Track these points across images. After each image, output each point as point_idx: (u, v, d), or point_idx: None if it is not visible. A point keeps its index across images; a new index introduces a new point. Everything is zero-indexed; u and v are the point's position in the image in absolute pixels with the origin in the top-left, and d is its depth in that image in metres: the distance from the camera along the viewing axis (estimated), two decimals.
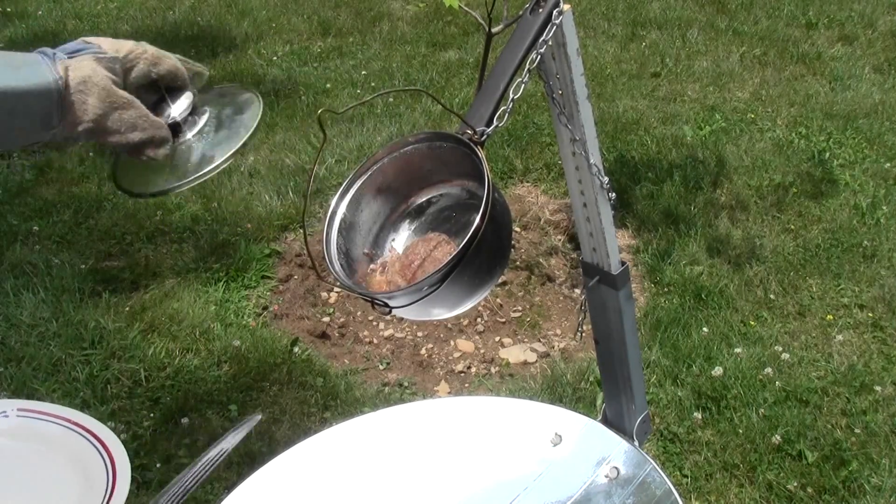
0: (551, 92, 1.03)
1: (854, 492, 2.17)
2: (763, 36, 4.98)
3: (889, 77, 4.48)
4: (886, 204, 3.37)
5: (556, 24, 0.92)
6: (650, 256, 3.05)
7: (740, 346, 2.65)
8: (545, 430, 1.24)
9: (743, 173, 3.58)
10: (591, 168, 1.07)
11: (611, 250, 1.15)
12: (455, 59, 4.73)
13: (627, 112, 4.09)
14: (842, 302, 2.87)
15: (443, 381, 2.58)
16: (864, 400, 2.45)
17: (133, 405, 2.42)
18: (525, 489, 1.18)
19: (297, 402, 2.44)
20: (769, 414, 2.39)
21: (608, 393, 1.30)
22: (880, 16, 5.22)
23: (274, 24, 5.23)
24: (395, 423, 1.31)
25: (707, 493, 2.18)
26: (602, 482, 1.16)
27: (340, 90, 4.38)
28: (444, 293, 0.75)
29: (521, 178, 3.55)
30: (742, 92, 4.36)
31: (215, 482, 2.18)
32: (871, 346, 2.68)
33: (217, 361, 2.58)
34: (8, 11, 5.46)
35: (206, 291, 2.86)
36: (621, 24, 5.18)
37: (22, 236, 3.15)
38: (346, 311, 2.86)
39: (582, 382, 2.50)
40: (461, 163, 0.83)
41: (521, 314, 2.85)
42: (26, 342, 2.61)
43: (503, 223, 0.81)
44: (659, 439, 2.33)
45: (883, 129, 3.93)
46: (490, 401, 1.36)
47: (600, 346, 1.27)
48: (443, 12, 5.17)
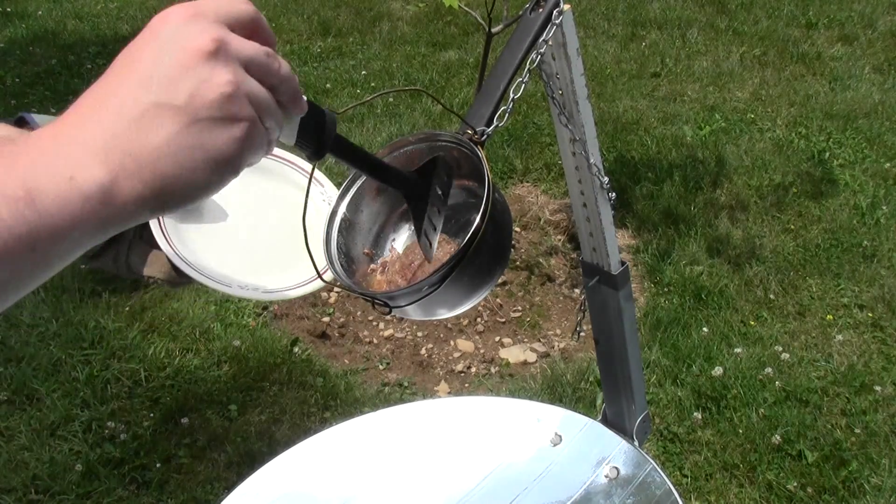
0: (551, 92, 1.03)
1: (854, 492, 2.17)
2: (763, 36, 4.98)
3: (889, 77, 4.48)
4: (886, 204, 3.37)
5: (556, 23, 0.92)
6: (650, 256, 3.05)
7: (740, 346, 2.65)
8: (545, 430, 1.24)
9: (743, 173, 3.58)
10: (591, 168, 1.07)
11: (611, 250, 1.15)
12: (455, 59, 4.73)
13: (627, 112, 4.09)
14: (842, 302, 2.87)
15: (443, 381, 2.58)
16: (864, 400, 2.45)
17: (133, 405, 2.42)
18: (525, 489, 1.18)
19: (297, 402, 2.44)
20: (769, 414, 2.39)
21: (608, 393, 1.30)
22: (880, 16, 5.22)
23: (274, 24, 5.23)
24: (395, 423, 1.31)
25: (707, 493, 2.18)
26: (602, 482, 1.16)
27: (340, 90, 4.38)
28: (445, 293, 0.75)
29: (521, 178, 3.55)
30: (742, 92, 4.36)
31: (215, 482, 2.19)
32: (871, 346, 2.68)
33: (217, 361, 2.58)
34: (8, 11, 5.46)
35: (205, 291, 2.86)
36: (621, 24, 5.18)
37: None
38: (346, 311, 2.86)
39: (582, 382, 2.50)
40: (461, 163, 0.83)
41: (521, 314, 2.85)
42: (26, 342, 2.61)
43: (503, 223, 0.81)
44: (659, 439, 2.33)
45: (883, 129, 3.93)
46: (490, 401, 1.36)
47: (600, 346, 1.26)
48: (443, 12, 5.17)
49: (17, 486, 2.16)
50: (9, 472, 2.20)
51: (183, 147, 0.48)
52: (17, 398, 2.43)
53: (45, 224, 0.43)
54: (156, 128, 0.47)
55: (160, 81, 0.48)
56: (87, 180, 0.45)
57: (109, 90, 0.48)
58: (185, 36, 0.49)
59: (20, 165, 0.43)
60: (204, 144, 0.48)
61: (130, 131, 0.47)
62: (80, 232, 0.45)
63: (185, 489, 2.17)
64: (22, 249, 0.42)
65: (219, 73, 0.48)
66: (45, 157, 0.44)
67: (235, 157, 0.50)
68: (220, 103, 0.48)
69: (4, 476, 2.19)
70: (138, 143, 0.47)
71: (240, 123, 0.49)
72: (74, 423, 2.34)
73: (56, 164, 0.44)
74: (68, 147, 0.45)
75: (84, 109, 0.48)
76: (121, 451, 2.26)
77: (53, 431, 2.32)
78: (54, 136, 0.45)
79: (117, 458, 2.24)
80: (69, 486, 2.16)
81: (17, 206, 0.42)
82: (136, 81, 0.48)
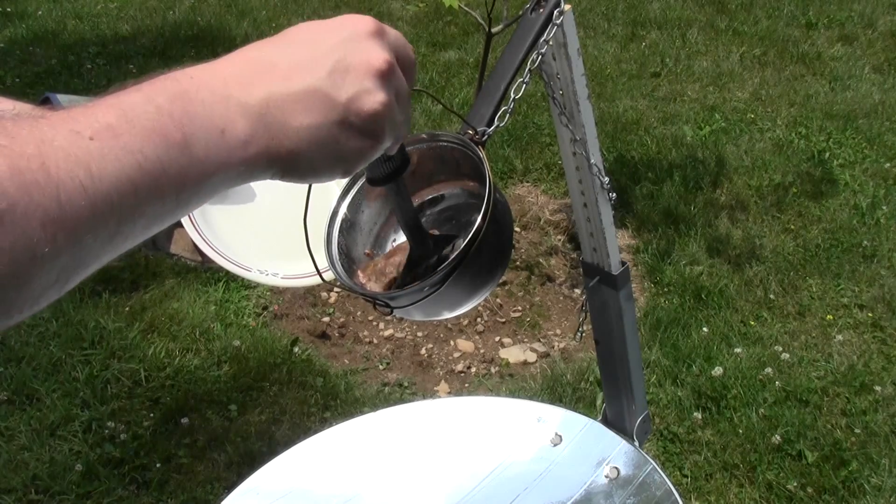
0: (552, 92, 1.02)
1: (854, 492, 2.17)
2: (763, 36, 4.98)
3: (889, 77, 4.48)
4: (886, 204, 3.37)
5: (556, 23, 0.92)
6: (650, 256, 3.05)
7: (740, 346, 2.65)
8: (545, 430, 1.24)
9: (743, 173, 3.58)
10: (592, 168, 1.06)
11: (611, 250, 1.15)
12: (455, 59, 4.73)
13: (627, 112, 4.09)
14: (842, 302, 2.87)
15: (443, 381, 2.58)
16: (864, 400, 2.45)
17: (133, 405, 2.42)
18: (525, 489, 1.18)
19: (297, 402, 2.44)
20: (769, 414, 2.39)
21: (608, 393, 1.30)
22: (880, 16, 5.22)
23: (274, 24, 5.23)
24: (395, 423, 1.31)
25: (707, 493, 2.18)
26: (602, 482, 1.16)
27: None
28: (445, 294, 0.75)
29: (521, 178, 3.55)
30: (742, 92, 4.36)
31: (215, 482, 2.19)
32: (871, 346, 2.68)
33: (217, 361, 2.58)
34: (8, 11, 5.46)
35: (205, 291, 2.86)
36: (621, 24, 5.18)
37: None
38: (346, 311, 2.86)
39: (582, 382, 2.50)
40: (462, 163, 0.82)
41: (521, 314, 2.85)
42: (26, 342, 2.61)
43: (504, 223, 0.81)
44: (659, 439, 2.33)
45: (883, 129, 3.93)
46: (490, 401, 1.36)
47: (600, 346, 1.26)
48: (443, 12, 5.17)
49: (17, 486, 2.16)
50: (9, 472, 2.20)
51: (323, 137, 0.52)
52: (17, 398, 2.43)
53: (195, 170, 0.46)
54: (310, 110, 0.51)
55: (332, 73, 0.52)
56: (235, 136, 0.48)
57: (279, 56, 0.52)
58: (369, 48, 0.54)
59: (178, 112, 0.46)
60: (339, 143, 0.53)
61: (287, 104, 0.50)
62: (219, 179, 0.48)
63: (185, 489, 2.17)
64: (170, 191, 0.45)
65: (380, 92, 0.53)
66: (203, 109, 0.47)
67: (355, 164, 0.55)
68: (370, 117, 0.53)
69: (4, 476, 2.19)
70: (290, 117, 0.50)
71: (373, 140, 0.55)
72: (74, 423, 2.34)
73: (213, 116, 0.47)
74: (226, 102, 0.48)
75: (249, 67, 0.51)
76: (121, 451, 2.26)
77: (53, 431, 2.32)
78: (212, 92, 0.48)
79: (117, 458, 2.24)
80: (69, 486, 2.16)
81: (174, 150, 0.45)
82: (309, 61, 0.52)
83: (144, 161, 0.43)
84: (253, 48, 0.53)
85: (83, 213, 0.40)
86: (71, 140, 0.41)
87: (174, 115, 0.45)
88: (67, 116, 0.42)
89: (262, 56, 0.52)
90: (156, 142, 0.44)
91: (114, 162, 0.42)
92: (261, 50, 0.53)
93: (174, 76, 0.48)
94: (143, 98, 0.45)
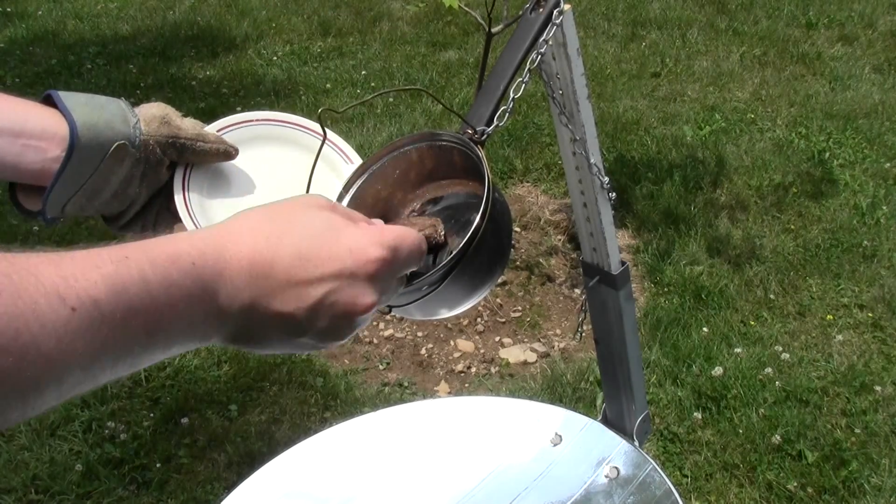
0: (551, 92, 1.02)
1: (854, 492, 2.17)
2: (763, 36, 4.98)
3: (889, 77, 4.48)
4: (886, 204, 3.37)
5: (556, 23, 0.91)
6: (650, 256, 3.05)
7: (740, 346, 2.65)
8: (545, 430, 1.24)
9: (743, 173, 3.58)
10: (592, 168, 1.06)
11: (611, 250, 1.15)
12: (455, 59, 4.73)
13: (627, 112, 4.09)
14: (842, 302, 2.87)
15: (443, 381, 2.58)
16: (864, 400, 2.45)
17: (133, 405, 2.42)
18: (525, 489, 1.18)
19: (297, 402, 2.44)
20: (769, 414, 2.39)
21: (608, 393, 1.30)
22: (880, 16, 5.22)
23: (274, 24, 5.23)
24: (395, 423, 1.31)
25: (707, 493, 2.18)
26: (602, 482, 1.16)
27: (340, 90, 4.38)
28: (444, 293, 0.75)
29: (521, 178, 3.55)
30: (742, 92, 4.36)
31: (215, 482, 2.19)
32: (871, 346, 2.68)
33: (217, 361, 2.58)
34: (8, 11, 5.46)
35: None
36: (621, 24, 5.18)
37: (21, 236, 3.15)
38: None
39: (582, 382, 2.50)
40: (462, 162, 0.83)
41: (521, 314, 2.85)
42: None
43: (503, 223, 0.81)
44: (659, 439, 2.33)
45: (883, 129, 3.93)
46: (490, 401, 1.36)
47: (600, 346, 1.26)
48: (443, 12, 5.17)
49: (17, 486, 2.16)
50: (9, 472, 2.20)
51: (284, 346, 0.59)
52: None
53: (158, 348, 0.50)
54: (281, 329, 0.56)
55: (317, 306, 0.56)
56: (206, 340, 0.54)
57: (280, 256, 0.55)
58: (361, 292, 0.58)
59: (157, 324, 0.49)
60: (297, 348, 0.60)
61: (266, 318, 0.55)
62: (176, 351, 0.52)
63: (185, 489, 2.17)
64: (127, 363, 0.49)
65: (349, 330, 0.60)
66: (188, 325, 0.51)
67: (315, 349, 0.63)
68: (333, 341, 0.60)
69: (4, 476, 2.19)
70: (262, 329, 0.56)
71: (329, 346, 0.61)
72: (74, 424, 2.34)
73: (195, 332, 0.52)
74: (206, 318, 0.52)
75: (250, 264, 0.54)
76: (121, 451, 2.26)
77: (53, 431, 2.32)
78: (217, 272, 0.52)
79: (117, 458, 2.24)
80: (69, 486, 2.16)
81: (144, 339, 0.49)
82: (302, 281, 0.55)
83: (114, 344, 0.46)
84: (262, 230, 0.56)
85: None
86: (53, 307, 0.42)
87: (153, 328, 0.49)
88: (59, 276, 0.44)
89: (267, 250, 0.55)
90: (130, 335, 0.47)
91: (84, 336, 0.44)
92: (268, 239, 0.55)
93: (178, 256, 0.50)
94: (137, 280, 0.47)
